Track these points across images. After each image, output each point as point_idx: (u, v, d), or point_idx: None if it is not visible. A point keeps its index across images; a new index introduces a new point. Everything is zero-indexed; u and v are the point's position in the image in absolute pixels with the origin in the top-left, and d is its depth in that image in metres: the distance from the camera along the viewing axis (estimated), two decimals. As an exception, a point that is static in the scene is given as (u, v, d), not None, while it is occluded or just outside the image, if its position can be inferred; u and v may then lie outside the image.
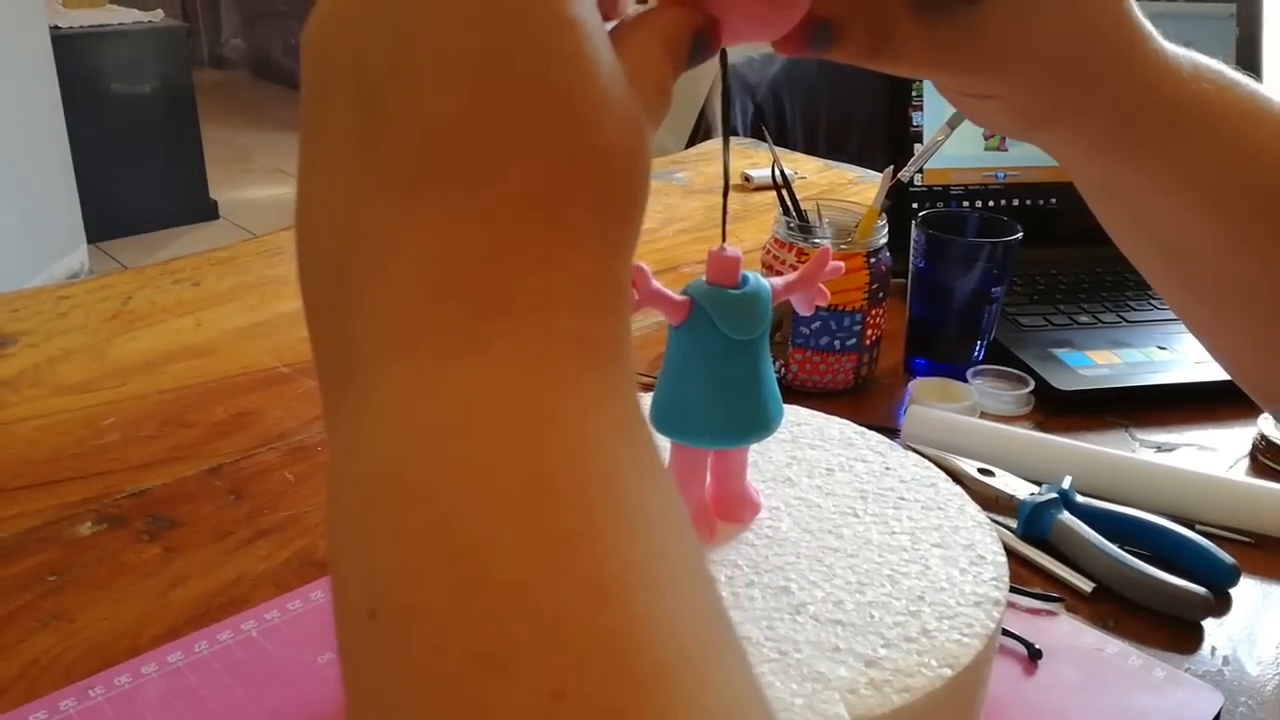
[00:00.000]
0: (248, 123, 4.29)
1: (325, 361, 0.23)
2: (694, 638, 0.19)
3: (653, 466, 0.22)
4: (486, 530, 0.18)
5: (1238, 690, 0.48)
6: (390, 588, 0.19)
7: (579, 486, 0.19)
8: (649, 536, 0.20)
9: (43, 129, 2.61)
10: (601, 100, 0.22)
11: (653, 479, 0.21)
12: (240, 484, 0.60)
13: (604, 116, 0.22)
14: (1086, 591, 0.53)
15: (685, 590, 0.20)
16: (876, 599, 0.38)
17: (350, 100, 0.22)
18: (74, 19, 2.95)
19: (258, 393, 0.71)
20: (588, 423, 0.21)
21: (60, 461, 0.62)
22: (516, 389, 0.20)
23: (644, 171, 0.24)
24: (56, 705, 0.44)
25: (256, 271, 0.91)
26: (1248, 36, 0.94)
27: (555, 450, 0.20)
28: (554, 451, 0.20)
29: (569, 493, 0.19)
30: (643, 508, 0.20)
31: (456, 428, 0.20)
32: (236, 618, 0.49)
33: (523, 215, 0.21)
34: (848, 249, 0.69)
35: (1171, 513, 0.58)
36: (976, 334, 0.74)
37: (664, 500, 0.21)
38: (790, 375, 0.72)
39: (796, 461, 0.47)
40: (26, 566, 0.53)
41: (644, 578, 0.19)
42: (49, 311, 0.81)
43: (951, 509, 0.44)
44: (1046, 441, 0.64)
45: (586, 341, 0.22)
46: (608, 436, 0.21)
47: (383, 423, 0.21)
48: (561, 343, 0.21)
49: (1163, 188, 0.38)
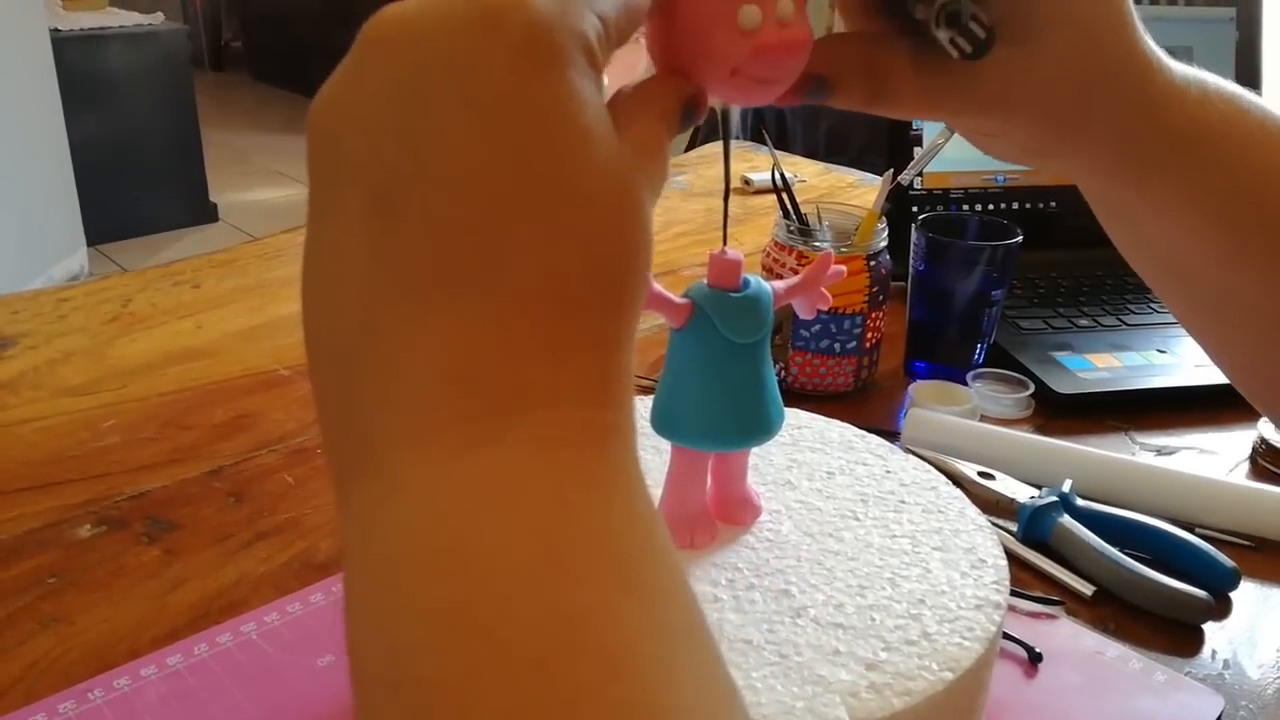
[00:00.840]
0: (248, 125, 4.30)
1: (335, 443, 0.24)
2: (701, 701, 0.20)
3: (657, 539, 0.23)
4: (505, 607, 0.20)
5: (1238, 693, 0.48)
6: (413, 661, 0.20)
7: (591, 566, 0.21)
8: (656, 609, 0.21)
9: (43, 131, 2.61)
10: (613, 209, 0.23)
11: (658, 552, 0.23)
12: (240, 486, 0.60)
13: (614, 224, 0.23)
14: (1087, 595, 0.53)
15: (691, 657, 0.21)
16: (877, 602, 0.38)
17: (364, 195, 0.23)
18: (74, 21, 2.95)
19: (258, 395, 0.71)
20: (597, 506, 0.22)
21: (60, 464, 0.62)
22: (531, 476, 0.22)
23: (646, 266, 0.24)
24: (56, 708, 0.43)
25: (256, 274, 0.91)
26: (1247, 40, 0.94)
27: (568, 533, 0.21)
28: (567, 534, 0.21)
29: (582, 572, 0.21)
30: (651, 582, 0.22)
31: (474, 510, 0.21)
32: (236, 620, 0.49)
33: (535, 320, 0.22)
34: (848, 252, 0.69)
35: (1172, 516, 0.58)
36: (976, 337, 0.74)
37: (669, 571, 0.22)
38: (791, 378, 0.72)
39: (797, 464, 0.47)
40: (26, 569, 0.53)
41: (653, 649, 0.20)
42: (49, 314, 0.81)
43: (952, 512, 0.44)
44: (1047, 445, 0.64)
45: (594, 429, 0.23)
46: (616, 517, 0.22)
47: (400, 504, 0.22)
48: (572, 433, 0.22)
49: (1168, 211, 0.38)
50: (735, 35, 0.29)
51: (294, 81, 4.77)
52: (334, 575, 0.52)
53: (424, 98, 0.23)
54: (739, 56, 0.29)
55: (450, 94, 0.22)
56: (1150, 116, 0.36)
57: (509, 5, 0.23)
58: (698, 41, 0.29)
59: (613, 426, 0.24)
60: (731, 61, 0.29)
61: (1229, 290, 0.39)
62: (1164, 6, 0.91)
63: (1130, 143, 0.36)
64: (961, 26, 0.32)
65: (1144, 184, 0.37)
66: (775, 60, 0.30)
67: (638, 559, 0.22)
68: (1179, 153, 0.37)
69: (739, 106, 0.32)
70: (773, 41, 0.29)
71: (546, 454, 0.22)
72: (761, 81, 0.30)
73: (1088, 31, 0.34)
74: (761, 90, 0.31)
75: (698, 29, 0.29)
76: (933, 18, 0.32)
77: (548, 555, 0.20)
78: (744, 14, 0.29)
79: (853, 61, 0.35)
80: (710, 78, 0.30)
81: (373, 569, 0.21)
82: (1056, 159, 0.38)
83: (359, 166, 0.23)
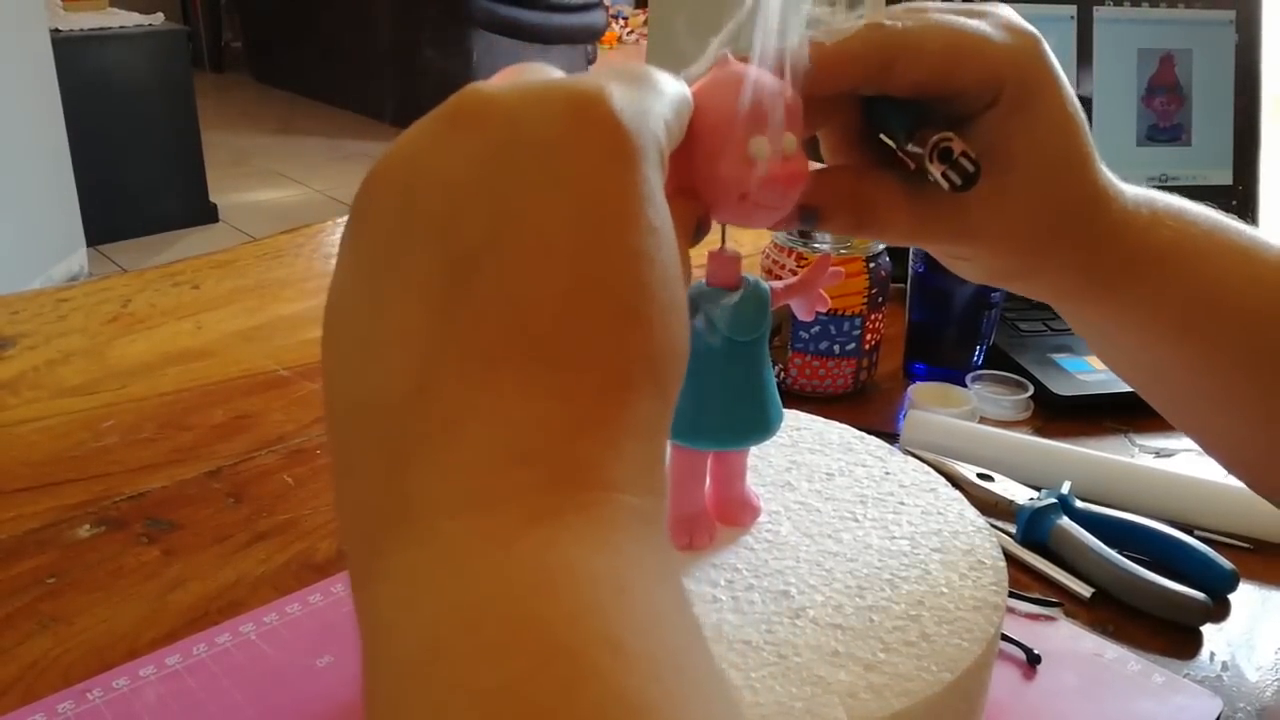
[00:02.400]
0: (248, 126, 4.29)
1: (365, 502, 0.23)
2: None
3: (699, 629, 0.23)
4: (566, 692, 0.19)
5: (1236, 696, 0.48)
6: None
7: (651, 657, 0.20)
8: (706, 700, 0.21)
9: (43, 131, 2.60)
10: (673, 304, 0.25)
11: (701, 640, 0.23)
12: (239, 487, 0.60)
13: (673, 319, 0.25)
14: (1085, 597, 0.53)
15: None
16: (876, 603, 0.38)
17: (440, 257, 0.23)
18: (74, 22, 2.94)
19: (257, 396, 0.71)
20: (654, 596, 0.22)
21: (59, 464, 0.62)
22: (592, 559, 0.21)
23: (686, 360, 0.26)
24: (55, 708, 0.43)
25: (256, 274, 0.91)
26: (1247, 42, 0.94)
27: (627, 620, 0.21)
28: (626, 621, 0.21)
29: (643, 664, 0.20)
30: (701, 674, 0.22)
31: (538, 587, 0.20)
32: (235, 620, 0.49)
33: (600, 400, 0.23)
34: (847, 253, 0.69)
35: (1170, 518, 0.58)
36: (976, 339, 0.74)
37: (709, 660, 0.23)
38: (790, 380, 0.72)
39: (796, 466, 0.47)
40: (25, 569, 0.53)
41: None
42: (48, 314, 0.81)
43: (951, 514, 0.44)
44: (1046, 447, 0.64)
45: (643, 517, 0.23)
46: (669, 607, 0.22)
47: (454, 574, 0.21)
48: (625, 517, 0.23)
49: (1134, 325, 0.41)
50: (745, 164, 0.33)
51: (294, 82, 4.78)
52: (333, 576, 0.52)
53: (516, 174, 0.23)
54: (748, 184, 0.33)
55: (543, 174, 0.23)
56: (1110, 242, 0.39)
57: (599, 99, 0.24)
58: (712, 167, 0.33)
59: (655, 514, 0.24)
60: (741, 188, 0.33)
61: (1203, 392, 0.42)
62: (1164, 9, 0.91)
63: (1093, 266, 0.39)
64: (952, 162, 0.35)
65: (1107, 302, 0.40)
66: (780, 190, 0.34)
67: (688, 648, 0.22)
68: (1136, 272, 0.40)
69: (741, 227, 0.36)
70: (779, 173, 0.33)
71: (605, 536, 0.22)
72: (765, 207, 0.34)
73: (1055, 167, 0.38)
74: (764, 214, 0.34)
75: (713, 156, 0.32)
76: (926, 153, 0.35)
77: (609, 642, 0.20)
78: (754, 145, 0.32)
79: (844, 195, 0.38)
80: (720, 200, 0.33)
81: (419, 641, 0.20)
82: (1024, 280, 0.41)
83: (438, 229, 0.23)
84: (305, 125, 4.35)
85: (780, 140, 0.33)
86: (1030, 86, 0.36)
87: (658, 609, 0.22)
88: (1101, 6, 0.89)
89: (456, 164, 0.24)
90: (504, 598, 0.20)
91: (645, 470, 0.24)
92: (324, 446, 0.65)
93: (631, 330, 0.23)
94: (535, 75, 0.26)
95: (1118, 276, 0.40)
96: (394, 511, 0.22)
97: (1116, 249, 0.39)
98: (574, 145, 0.24)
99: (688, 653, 0.22)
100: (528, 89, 0.25)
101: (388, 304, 0.23)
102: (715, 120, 0.32)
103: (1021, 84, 0.36)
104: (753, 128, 0.33)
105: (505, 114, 0.24)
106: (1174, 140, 0.92)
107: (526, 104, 0.24)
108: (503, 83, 0.25)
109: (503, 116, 0.24)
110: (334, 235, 1.03)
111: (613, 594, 0.21)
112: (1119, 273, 0.40)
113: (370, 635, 0.22)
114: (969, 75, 0.36)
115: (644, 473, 0.24)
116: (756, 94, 0.33)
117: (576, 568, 0.21)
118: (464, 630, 0.20)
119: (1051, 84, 0.37)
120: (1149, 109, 0.91)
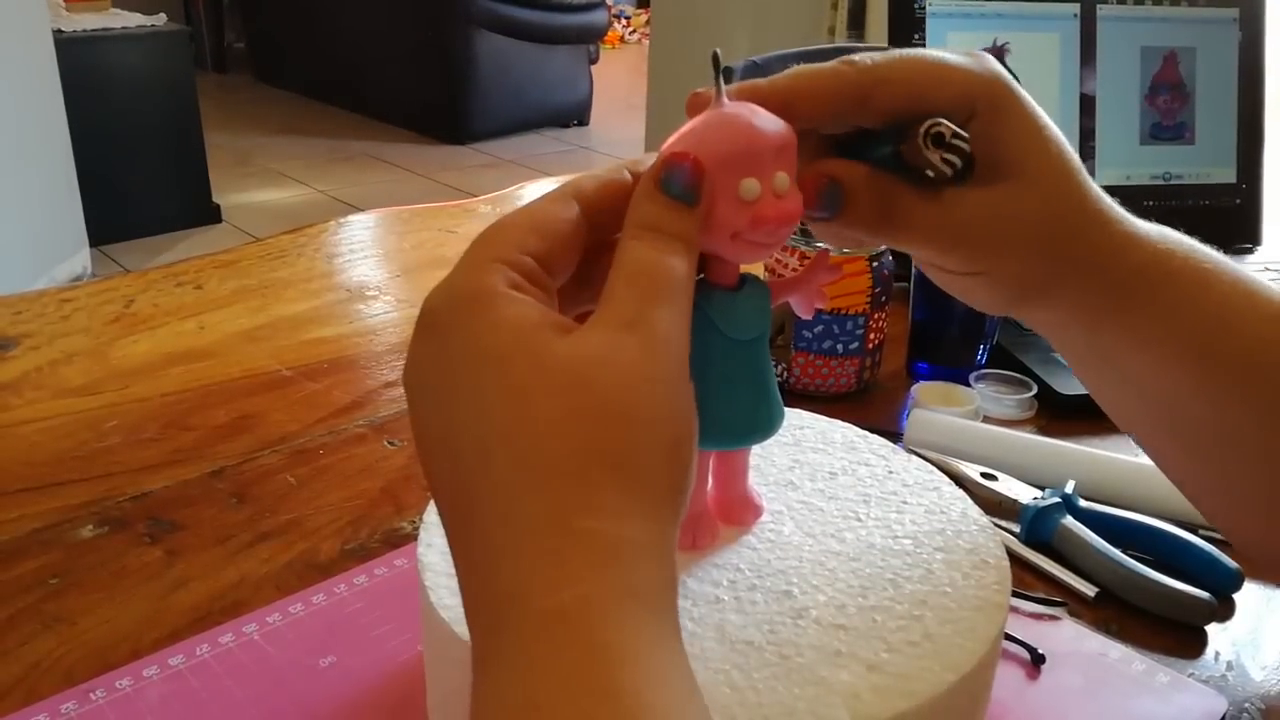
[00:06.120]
0: (250, 126, 4.30)
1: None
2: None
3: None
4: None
5: (1241, 695, 0.47)
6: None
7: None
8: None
9: (46, 132, 2.61)
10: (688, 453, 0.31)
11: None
12: (242, 487, 0.60)
13: (689, 458, 0.31)
14: (1089, 596, 0.53)
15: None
16: (879, 603, 0.38)
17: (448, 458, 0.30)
18: (77, 23, 2.95)
19: (260, 396, 0.71)
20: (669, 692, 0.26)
21: (62, 464, 0.62)
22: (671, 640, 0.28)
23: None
24: (58, 708, 0.44)
25: (259, 275, 0.91)
26: (1250, 40, 0.94)
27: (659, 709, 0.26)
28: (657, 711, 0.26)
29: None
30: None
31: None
32: (238, 620, 0.49)
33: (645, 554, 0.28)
34: (850, 253, 0.69)
35: (1175, 517, 0.58)
36: (979, 338, 0.74)
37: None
38: (793, 379, 0.72)
39: (799, 465, 0.47)
40: (28, 569, 0.53)
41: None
42: (51, 314, 0.82)
43: (954, 513, 0.44)
44: (1049, 445, 0.64)
45: (676, 617, 0.29)
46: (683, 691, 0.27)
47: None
48: (675, 621, 0.29)
49: (1143, 342, 0.41)
50: (737, 205, 0.33)
51: (297, 83, 4.78)
52: (335, 576, 0.52)
53: (450, 371, 0.30)
54: (740, 224, 0.33)
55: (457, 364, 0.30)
56: (1114, 254, 0.40)
57: (438, 290, 0.31)
58: (704, 207, 0.33)
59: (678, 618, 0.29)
60: (733, 227, 0.33)
61: (1213, 424, 0.41)
62: (1167, 7, 0.91)
63: (1098, 278, 0.40)
64: (947, 144, 0.35)
65: (1115, 317, 0.40)
66: (771, 229, 0.34)
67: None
68: (1149, 287, 0.40)
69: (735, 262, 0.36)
70: (770, 213, 0.33)
71: (673, 628, 0.28)
72: (757, 245, 0.34)
73: (1043, 169, 0.38)
74: (757, 251, 0.35)
75: (705, 197, 0.33)
76: (921, 139, 0.36)
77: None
78: (745, 187, 0.33)
79: (865, 181, 0.38)
80: (712, 239, 0.34)
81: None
82: (1033, 300, 0.41)
83: (438, 437, 0.30)
84: (307, 126, 4.35)
85: (771, 179, 0.33)
86: (1003, 99, 0.38)
87: (675, 690, 0.27)
88: (1105, 4, 0.89)
89: (419, 368, 0.31)
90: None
91: (668, 586, 0.29)
92: (326, 446, 0.65)
93: (667, 481, 0.30)
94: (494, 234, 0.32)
95: (1128, 288, 0.40)
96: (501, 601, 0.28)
97: (1124, 260, 0.39)
98: (451, 329, 0.30)
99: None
100: (433, 292, 0.31)
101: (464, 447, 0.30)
102: (707, 163, 0.33)
103: (993, 97, 0.38)
104: (744, 169, 0.33)
105: (426, 318, 0.31)
106: (1177, 139, 0.92)
107: (431, 306, 0.31)
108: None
109: (426, 320, 0.31)
110: (336, 235, 1.03)
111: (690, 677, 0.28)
112: (1129, 284, 0.40)
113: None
114: (942, 96, 0.37)
115: (669, 589, 0.29)
116: (748, 135, 0.33)
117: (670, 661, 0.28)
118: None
119: (1021, 100, 0.38)
120: (1152, 107, 0.91)
